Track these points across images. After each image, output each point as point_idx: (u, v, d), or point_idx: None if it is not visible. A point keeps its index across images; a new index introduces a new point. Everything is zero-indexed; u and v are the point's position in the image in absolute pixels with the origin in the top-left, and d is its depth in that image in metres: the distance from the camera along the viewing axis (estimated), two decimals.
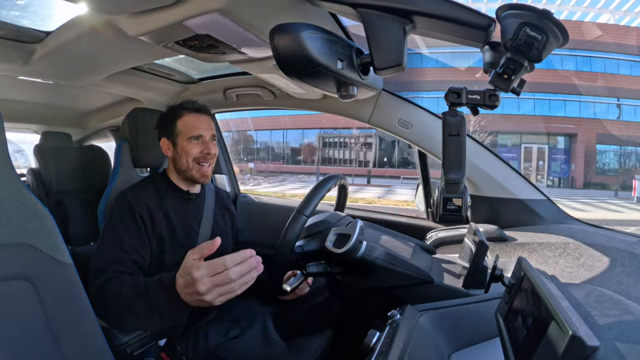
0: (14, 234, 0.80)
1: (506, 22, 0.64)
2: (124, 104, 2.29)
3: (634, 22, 21.36)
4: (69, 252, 0.89)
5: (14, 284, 0.78)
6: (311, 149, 27.13)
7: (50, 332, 0.81)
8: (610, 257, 1.00)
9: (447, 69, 21.34)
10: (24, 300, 0.79)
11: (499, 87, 0.69)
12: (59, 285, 0.85)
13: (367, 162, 25.48)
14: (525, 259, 0.61)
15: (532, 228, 1.36)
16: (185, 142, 1.31)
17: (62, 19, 1.23)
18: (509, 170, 1.49)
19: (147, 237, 1.22)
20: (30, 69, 1.50)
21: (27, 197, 0.84)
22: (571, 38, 0.65)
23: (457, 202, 0.74)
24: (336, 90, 0.70)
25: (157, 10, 0.96)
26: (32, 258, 0.81)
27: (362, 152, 26.00)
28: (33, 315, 0.79)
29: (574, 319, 0.42)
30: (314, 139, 27.09)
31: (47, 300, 0.81)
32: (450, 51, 21.34)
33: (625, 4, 21.26)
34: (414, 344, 0.67)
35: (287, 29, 0.58)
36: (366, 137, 25.49)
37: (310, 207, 1.11)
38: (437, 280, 1.00)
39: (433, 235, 1.49)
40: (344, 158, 26.39)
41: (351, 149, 26.06)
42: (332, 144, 26.90)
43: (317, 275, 1.09)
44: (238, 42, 1.09)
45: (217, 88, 1.92)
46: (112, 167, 1.53)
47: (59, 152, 2.43)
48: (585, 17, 21.80)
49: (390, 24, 0.64)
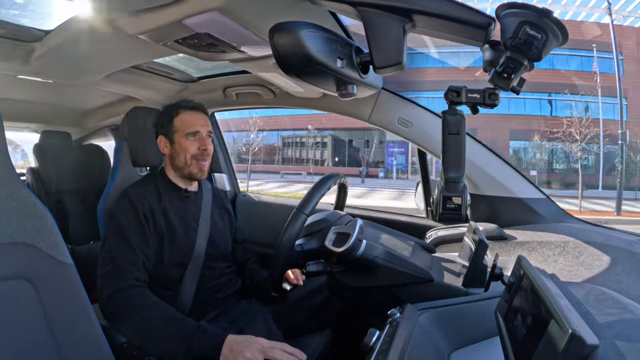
0: (14, 233, 0.80)
1: (506, 21, 0.64)
2: (124, 103, 2.29)
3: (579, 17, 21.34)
4: (69, 251, 0.89)
5: (14, 283, 0.78)
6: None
7: (50, 331, 0.81)
8: (609, 256, 1.00)
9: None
10: (24, 300, 0.79)
11: (498, 85, 0.69)
12: (59, 285, 0.85)
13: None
14: (525, 258, 0.61)
15: (531, 227, 1.36)
16: (183, 139, 1.32)
17: (61, 18, 1.22)
18: (509, 169, 1.49)
19: (150, 235, 1.23)
20: (30, 68, 1.50)
21: (27, 197, 0.84)
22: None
23: (456, 201, 0.74)
24: (336, 89, 0.70)
25: (156, 9, 0.96)
26: (31, 257, 0.81)
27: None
28: (33, 314, 0.79)
29: (573, 318, 0.42)
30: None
31: (46, 299, 0.81)
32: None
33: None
34: (413, 342, 0.67)
35: (287, 28, 0.58)
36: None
37: (310, 205, 1.11)
38: (437, 279, 1.00)
39: (433, 234, 1.49)
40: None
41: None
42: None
43: (317, 274, 1.09)
44: (238, 40, 1.09)
45: (216, 87, 1.92)
46: (112, 166, 1.53)
47: (58, 151, 2.43)
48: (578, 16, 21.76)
49: (390, 23, 0.64)
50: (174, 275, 1.28)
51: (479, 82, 0.75)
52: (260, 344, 0.97)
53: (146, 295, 1.12)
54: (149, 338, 1.05)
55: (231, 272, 1.45)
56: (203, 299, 1.31)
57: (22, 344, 0.77)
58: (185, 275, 1.29)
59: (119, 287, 1.10)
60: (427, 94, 20.17)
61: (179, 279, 1.28)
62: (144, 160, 1.52)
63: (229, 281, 1.42)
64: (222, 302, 1.35)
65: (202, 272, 1.33)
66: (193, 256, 1.31)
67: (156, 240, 1.25)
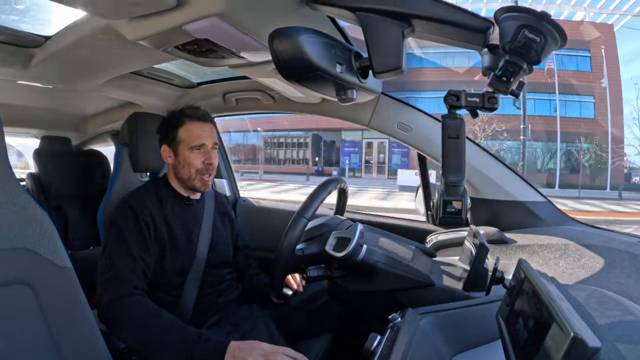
0: (14, 238, 0.80)
1: (505, 25, 0.64)
2: (124, 108, 2.29)
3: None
4: (69, 256, 0.89)
5: (14, 288, 0.78)
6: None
7: (50, 336, 0.80)
8: (610, 258, 1.00)
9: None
10: (24, 305, 0.79)
11: (498, 89, 0.69)
12: (59, 290, 0.85)
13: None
14: (526, 261, 0.61)
15: (532, 230, 1.36)
16: (187, 152, 1.29)
17: (61, 24, 1.22)
18: (509, 173, 1.49)
19: (150, 243, 1.22)
20: (30, 74, 1.50)
21: (27, 202, 0.84)
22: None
23: (456, 205, 0.74)
24: (335, 94, 0.71)
25: (156, 14, 0.96)
26: (31, 263, 0.81)
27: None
28: (33, 319, 0.79)
29: (575, 321, 0.42)
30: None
31: (46, 304, 0.81)
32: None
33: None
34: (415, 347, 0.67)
35: (286, 33, 0.58)
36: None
37: (310, 210, 1.11)
38: (438, 283, 1.00)
39: (433, 238, 1.49)
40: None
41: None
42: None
43: (318, 279, 1.09)
44: (237, 46, 1.09)
45: (216, 92, 1.93)
46: (112, 172, 1.53)
47: (58, 156, 2.43)
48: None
49: (389, 28, 0.64)
50: (175, 281, 1.27)
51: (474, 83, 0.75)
52: (262, 349, 0.97)
53: (145, 304, 1.11)
54: (149, 346, 1.04)
55: (232, 277, 1.45)
56: (204, 304, 1.31)
57: (22, 349, 0.77)
58: (186, 281, 1.28)
59: (118, 294, 1.09)
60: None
61: (180, 285, 1.28)
62: (144, 165, 1.52)
63: (230, 287, 1.41)
64: (223, 308, 1.35)
65: (203, 278, 1.32)
66: (194, 263, 1.30)
67: (157, 247, 1.24)
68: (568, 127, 20.10)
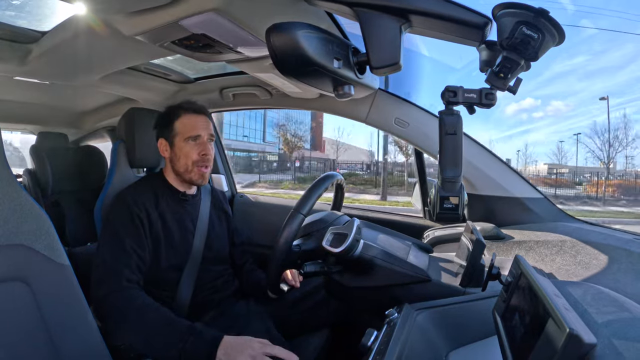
0: (10, 235, 0.79)
1: (502, 21, 0.64)
2: (120, 104, 2.28)
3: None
4: (66, 252, 0.88)
5: (10, 285, 0.78)
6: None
7: (47, 333, 0.80)
8: (606, 255, 1.00)
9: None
10: (21, 302, 0.79)
11: (495, 86, 0.69)
12: (56, 286, 0.85)
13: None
14: (522, 257, 0.61)
15: (529, 226, 1.36)
16: (183, 143, 1.30)
17: (58, 19, 1.22)
18: (506, 169, 1.49)
19: (145, 239, 1.22)
20: (26, 69, 1.49)
21: (24, 198, 0.84)
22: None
23: (454, 201, 0.74)
24: (332, 90, 0.70)
25: (152, 10, 0.95)
26: (28, 259, 0.81)
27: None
28: (29, 316, 0.79)
29: (571, 317, 0.42)
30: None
31: (43, 301, 0.81)
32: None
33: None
34: (411, 342, 0.67)
35: (284, 28, 0.57)
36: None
37: (307, 206, 1.11)
38: (435, 278, 1.00)
39: (430, 234, 1.50)
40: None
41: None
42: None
43: (315, 274, 1.09)
44: (234, 41, 1.09)
45: (213, 88, 1.92)
46: (109, 168, 1.52)
47: (55, 152, 2.41)
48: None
49: (387, 23, 0.64)
50: (171, 277, 1.27)
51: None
52: (253, 348, 0.96)
53: (140, 297, 1.11)
54: (143, 339, 1.04)
55: (229, 273, 1.45)
56: (201, 300, 1.31)
57: (19, 346, 0.77)
58: (182, 277, 1.28)
59: (112, 289, 1.09)
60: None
61: (176, 281, 1.28)
62: (141, 161, 1.51)
63: (226, 282, 1.41)
64: (220, 303, 1.35)
65: (199, 274, 1.32)
66: (190, 259, 1.31)
67: (152, 243, 1.24)
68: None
